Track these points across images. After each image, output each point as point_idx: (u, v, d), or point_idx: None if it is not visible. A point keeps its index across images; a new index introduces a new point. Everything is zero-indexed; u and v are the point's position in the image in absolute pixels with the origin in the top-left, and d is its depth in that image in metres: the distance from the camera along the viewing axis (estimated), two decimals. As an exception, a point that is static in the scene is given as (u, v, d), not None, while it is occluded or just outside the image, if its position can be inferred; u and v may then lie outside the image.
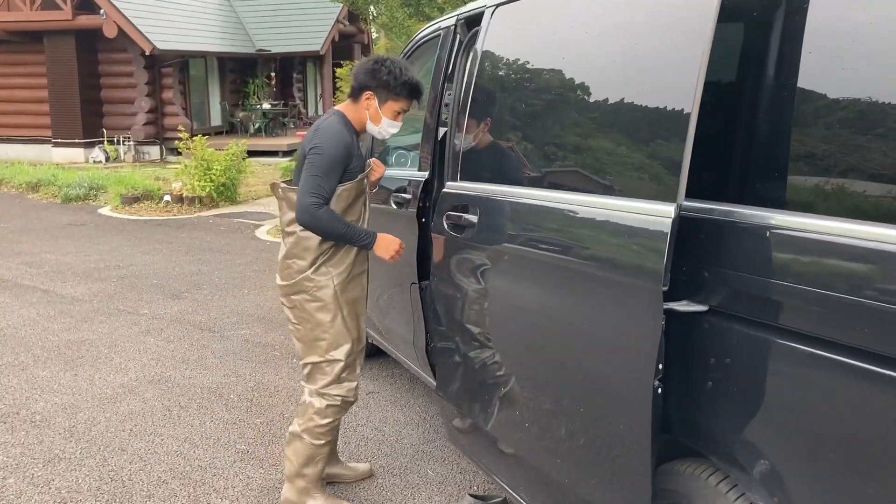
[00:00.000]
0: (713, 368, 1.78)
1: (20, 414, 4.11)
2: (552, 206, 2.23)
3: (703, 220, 1.79)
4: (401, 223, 3.52)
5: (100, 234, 9.36)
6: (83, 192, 11.93)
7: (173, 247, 8.55)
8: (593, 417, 2.08)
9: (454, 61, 3.26)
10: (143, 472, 3.49)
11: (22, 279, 7.06)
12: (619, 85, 2.06)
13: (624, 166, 2.05)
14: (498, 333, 2.59)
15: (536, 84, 2.51)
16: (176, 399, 4.30)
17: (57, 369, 4.75)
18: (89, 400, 4.29)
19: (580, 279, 2.10)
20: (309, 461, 3.00)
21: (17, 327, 5.59)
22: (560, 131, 2.34)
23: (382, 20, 10.84)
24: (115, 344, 5.23)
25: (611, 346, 1.99)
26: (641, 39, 2.02)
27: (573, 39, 2.31)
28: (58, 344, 5.22)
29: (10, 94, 17.67)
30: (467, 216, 2.66)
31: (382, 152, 4.17)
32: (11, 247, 8.55)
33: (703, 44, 1.69)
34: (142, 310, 6.06)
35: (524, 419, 2.43)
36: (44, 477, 3.45)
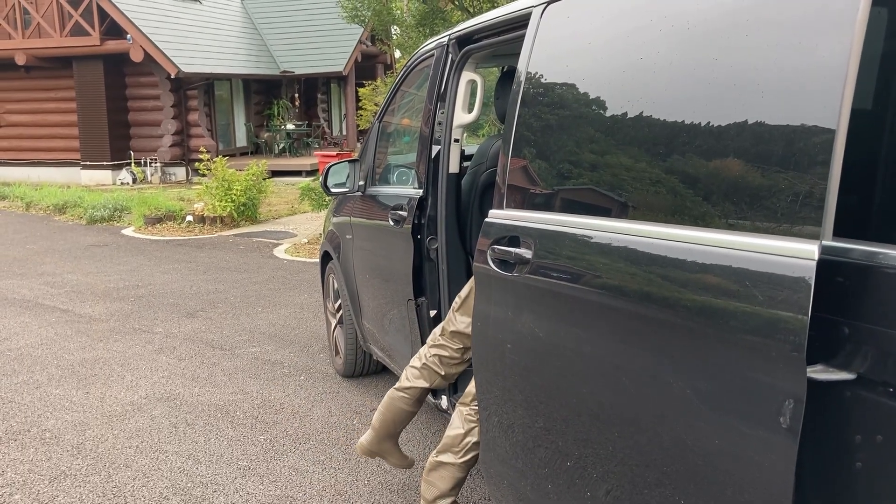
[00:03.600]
0: (860, 448, 1.40)
1: (31, 431, 4.18)
2: (637, 240, 1.82)
3: (840, 263, 1.41)
4: (398, 240, 3.55)
5: (121, 254, 9.51)
6: (108, 214, 12.14)
7: (192, 266, 8.66)
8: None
9: (447, 80, 3.29)
10: (145, 488, 3.53)
11: (42, 299, 7.20)
12: (730, 88, 1.66)
13: (738, 192, 1.61)
14: (564, 397, 2.17)
15: (613, 92, 2.07)
16: (183, 416, 4.35)
17: (70, 387, 4.83)
18: (99, 417, 4.36)
19: (681, 336, 1.69)
20: (458, 484, 3.00)
21: (34, 346, 5.70)
22: (647, 150, 1.90)
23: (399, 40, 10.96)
24: (128, 362, 5.31)
25: (728, 426, 1.57)
26: (759, 34, 1.62)
27: (667, 37, 1.86)
28: (72, 362, 5.32)
29: (42, 119, 18.09)
30: (518, 251, 2.30)
31: (384, 170, 4.21)
32: (35, 267, 8.72)
33: (849, 39, 1.35)
34: (156, 328, 6.15)
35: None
36: (49, 493, 3.50)
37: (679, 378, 1.68)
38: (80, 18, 16.27)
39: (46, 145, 18.11)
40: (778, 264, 1.43)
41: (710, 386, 1.61)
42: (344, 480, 3.59)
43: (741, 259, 1.52)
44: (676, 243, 1.70)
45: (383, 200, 3.92)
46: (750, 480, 1.52)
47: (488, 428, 2.62)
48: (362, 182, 4.26)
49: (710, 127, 1.69)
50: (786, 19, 1.54)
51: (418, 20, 10.19)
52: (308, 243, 9.80)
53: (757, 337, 1.47)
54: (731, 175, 1.63)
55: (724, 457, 1.58)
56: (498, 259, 2.40)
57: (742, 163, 1.60)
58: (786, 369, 1.39)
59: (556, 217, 2.17)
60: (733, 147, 1.62)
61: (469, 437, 2.92)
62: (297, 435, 4.08)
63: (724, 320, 1.55)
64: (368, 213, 4.16)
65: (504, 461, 2.53)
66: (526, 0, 2.60)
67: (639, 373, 1.82)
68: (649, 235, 1.78)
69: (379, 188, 4.11)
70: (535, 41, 2.42)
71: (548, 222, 2.19)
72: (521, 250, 2.27)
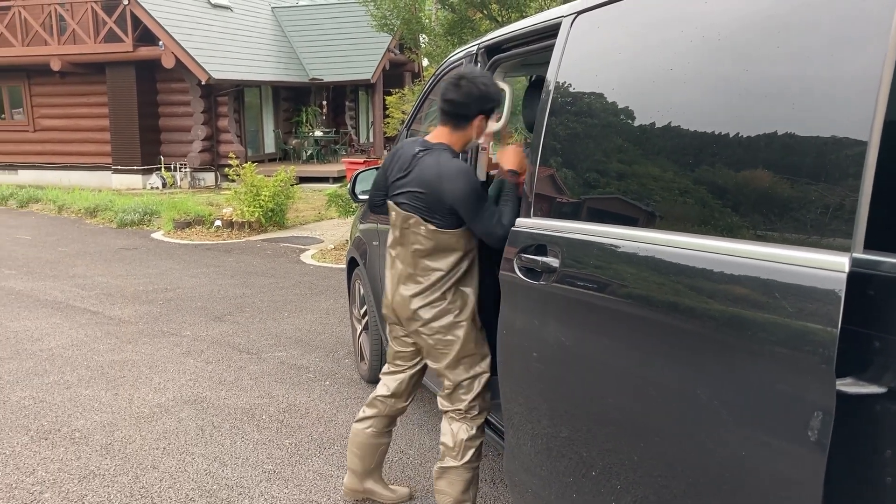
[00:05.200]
0: (890, 463, 1.38)
1: (61, 431, 4.24)
2: (665, 249, 1.81)
3: (871, 276, 1.38)
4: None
5: (151, 257, 9.63)
6: (138, 218, 12.30)
7: (220, 270, 8.75)
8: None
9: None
10: (171, 489, 3.57)
11: (73, 301, 7.31)
12: (760, 99, 1.64)
13: (767, 203, 1.60)
14: (589, 406, 2.17)
15: (643, 102, 2.06)
16: (210, 419, 4.39)
17: (99, 388, 4.90)
18: (127, 418, 4.41)
19: (708, 347, 1.69)
20: (469, 485, 3.02)
21: (65, 347, 5.79)
22: (676, 160, 1.87)
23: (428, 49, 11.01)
24: (156, 364, 5.38)
25: (755, 438, 1.56)
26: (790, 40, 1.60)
27: (697, 47, 1.85)
28: (102, 364, 5.39)
29: (75, 123, 18.37)
30: (545, 259, 2.30)
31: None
32: (67, 270, 8.85)
33: (883, 49, 1.35)
34: (184, 331, 6.22)
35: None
36: (78, 492, 3.55)
37: (706, 389, 1.68)
38: (113, 25, 16.53)
39: (79, 149, 18.40)
40: (808, 276, 1.43)
41: (736, 397, 1.60)
42: (368, 486, 3.60)
43: (770, 270, 1.52)
44: (705, 253, 1.69)
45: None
46: (777, 494, 1.51)
47: (512, 436, 2.63)
48: (390, 189, 4.27)
49: (739, 137, 1.68)
50: (818, 30, 1.54)
51: (446, 29, 10.23)
52: (334, 249, 9.86)
53: (785, 349, 1.46)
54: (761, 186, 1.63)
55: (750, 469, 1.57)
56: (524, 267, 2.41)
57: (772, 174, 1.60)
58: (815, 382, 1.38)
59: (584, 226, 2.17)
60: (763, 158, 1.62)
61: (460, 435, 2.98)
62: (322, 439, 4.10)
63: (752, 331, 1.55)
64: (395, 219, 4.17)
65: (528, 470, 2.53)
66: (556, 10, 2.61)
67: (665, 383, 1.81)
68: (677, 245, 1.78)
69: (406, 195, 4.13)
70: (565, 51, 2.42)
71: (576, 231, 2.19)
72: (549, 259, 2.28)
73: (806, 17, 1.58)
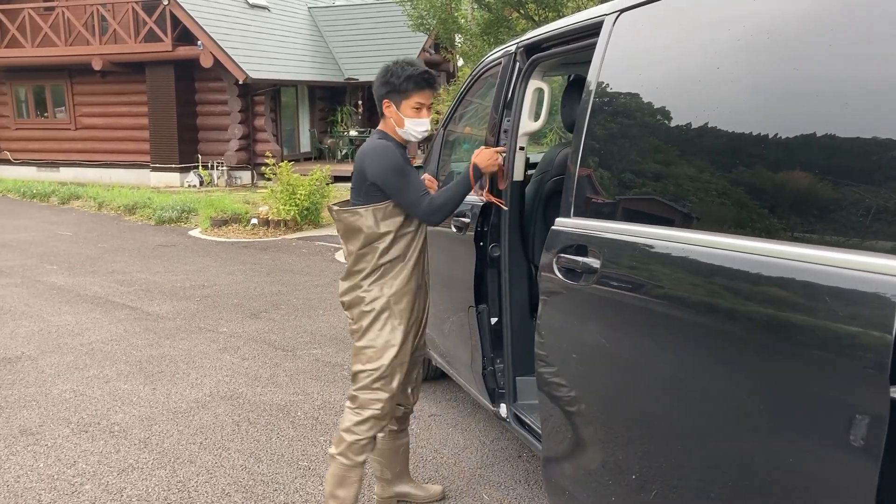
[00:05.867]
0: None
1: (101, 424, 4.31)
2: (707, 251, 1.78)
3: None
4: (460, 247, 3.56)
5: (188, 254, 9.75)
6: (175, 215, 12.46)
7: (256, 268, 8.83)
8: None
9: (513, 88, 3.30)
10: (208, 484, 3.61)
11: (113, 297, 7.43)
12: (811, 99, 1.62)
13: (820, 205, 1.56)
14: (628, 409, 2.14)
15: (687, 102, 2.01)
16: (245, 415, 4.43)
17: (137, 383, 4.97)
18: (165, 413, 4.47)
19: (754, 351, 1.65)
20: (341, 483, 3.02)
21: (104, 342, 5.88)
22: (723, 161, 1.83)
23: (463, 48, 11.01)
24: (193, 360, 5.44)
25: (802, 445, 1.54)
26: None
27: (746, 46, 1.81)
28: (140, 359, 5.47)
29: (115, 122, 18.68)
30: (585, 260, 2.27)
31: (448, 177, 4.23)
32: (106, 266, 9.00)
33: None
34: (221, 328, 6.28)
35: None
36: (117, 485, 3.61)
37: (750, 393, 1.65)
38: (153, 25, 16.77)
39: (118, 147, 18.70)
40: (859, 280, 1.40)
41: (781, 403, 1.57)
42: (402, 484, 3.61)
43: (818, 273, 1.49)
44: (749, 255, 1.67)
45: (446, 207, 3.93)
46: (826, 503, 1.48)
47: (550, 437, 2.61)
48: (426, 188, 4.28)
49: (790, 138, 1.65)
50: (871, 29, 1.51)
51: (483, 28, 10.22)
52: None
53: (834, 354, 1.44)
54: (811, 187, 1.59)
55: (795, 477, 1.54)
56: (564, 268, 2.38)
57: (824, 176, 1.57)
58: (866, 388, 1.36)
59: (627, 227, 2.14)
60: (813, 159, 1.59)
61: (342, 423, 3.02)
62: (356, 437, 4.12)
63: (798, 335, 1.52)
64: (431, 219, 4.18)
65: (565, 471, 2.52)
66: (598, 8, 2.59)
67: (706, 387, 1.79)
68: (721, 247, 1.75)
69: (442, 195, 4.13)
70: (607, 50, 2.40)
71: (618, 232, 2.16)
72: (589, 259, 2.25)
73: (859, 17, 1.56)
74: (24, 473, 3.71)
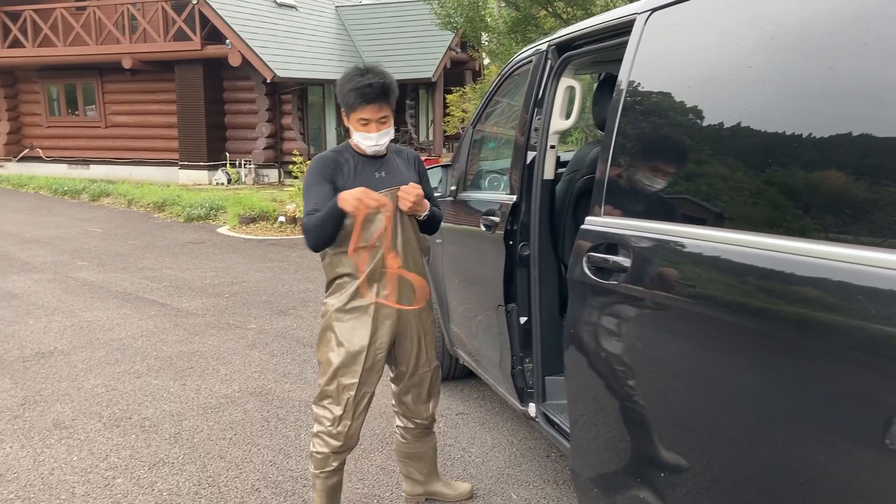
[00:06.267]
0: None
1: (132, 419, 4.37)
2: (739, 250, 1.77)
3: None
4: (490, 245, 3.56)
5: (217, 252, 9.84)
6: (204, 212, 12.58)
7: (284, 265, 8.89)
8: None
9: (544, 86, 3.29)
10: (238, 479, 3.64)
11: (143, 293, 7.51)
12: (846, 98, 1.59)
13: (859, 204, 1.54)
14: (657, 407, 2.14)
15: (719, 101, 1.98)
16: (275, 411, 4.46)
17: (168, 378, 5.03)
18: (195, 408, 4.52)
19: (783, 349, 1.65)
20: (314, 488, 3.08)
21: (135, 338, 5.96)
22: (755, 160, 1.81)
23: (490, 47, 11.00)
24: (223, 356, 5.49)
25: (839, 446, 1.52)
26: None
27: (780, 45, 1.79)
28: (170, 354, 5.53)
29: (144, 120, 18.90)
30: (616, 258, 2.26)
31: (476, 176, 4.23)
32: (136, 262, 9.11)
33: None
34: (250, 324, 6.34)
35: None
36: (148, 479, 3.65)
37: (781, 393, 1.64)
38: (182, 24, 16.94)
39: (148, 145, 18.91)
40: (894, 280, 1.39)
41: (814, 402, 1.56)
42: (430, 482, 3.61)
43: (855, 273, 1.48)
44: (781, 254, 1.65)
45: (475, 206, 3.94)
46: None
47: (578, 435, 2.61)
48: (454, 187, 4.29)
49: (825, 138, 1.63)
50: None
51: (510, 26, 10.20)
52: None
53: (871, 354, 1.43)
54: (848, 187, 1.57)
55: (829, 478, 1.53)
56: (594, 266, 2.38)
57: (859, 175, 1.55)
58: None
59: (657, 225, 2.12)
60: (850, 157, 1.57)
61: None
62: (384, 434, 4.13)
63: (833, 335, 1.51)
64: (459, 217, 4.18)
65: (594, 469, 2.52)
66: (630, 7, 2.57)
67: (737, 386, 1.78)
68: (753, 246, 1.74)
69: (471, 193, 4.13)
70: (639, 48, 2.39)
71: (649, 231, 2.15)
72: (619, 258, 2.24)
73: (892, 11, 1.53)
74: (58, 466, 3.77)
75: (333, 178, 2.82)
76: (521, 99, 3.56)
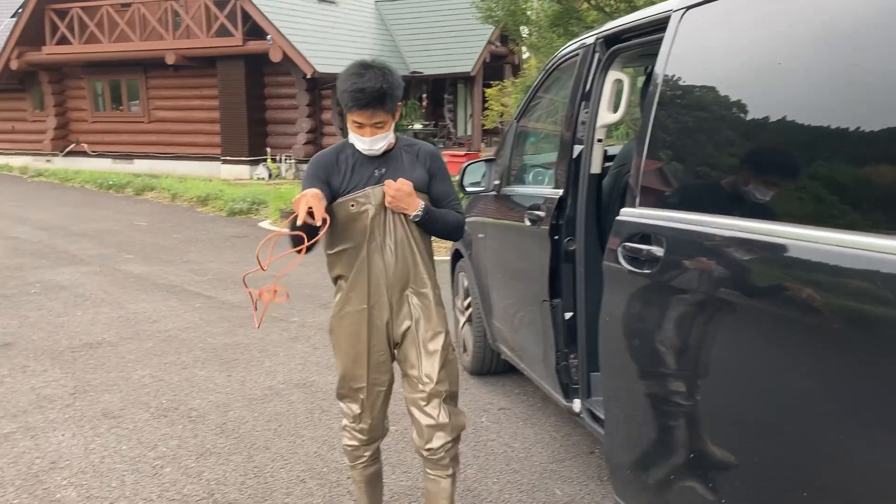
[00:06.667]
0: None
1: (179, 409, 4.44)
2: (770, 241, 1.80)
3: None
4: (534, 240, 3.55)
5: (259, 245, 9.94)
6: (246, 207, 12.72)
7: (325, 259, 8.93)
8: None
9: (592, 79, 3.26)
10: (283, 470, 3.69)
11: (188, 286, 7.63)
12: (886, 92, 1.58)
13: (879, 196, 1.59)
14: (689, 395, 2.17)
15: (752, 95, 2.03)
16: (318, 403, 4.51)
17: (213, 370, 5.10)
18: (240, 399, 4.58)
19: (813, 341, 1.70)
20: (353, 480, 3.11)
21: (181, 329, 6.05)
22: (787, 153, 1.87)
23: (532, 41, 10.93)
24: (266, 349, 5.56)
25: (887, 440, 1.52)
26: None
27: (815, 39, 1.83)
28: (215, 346, 5.61)
29: (187, 115, 19.15)
30: (649, 248, 2.29)
31: (520, 170, 4.22)
32: (181, 256, 9.25)
33: None
34: (292, 317, 6.40)
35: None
36: (196, 469, 3.71)
37: (808, 382, 1.69)
38: (224, 20, 17.12)
39: (190, 140, 19.16)
40: None
41: (848, 392, 1.60)
42: (473, 477, 3.62)
43: (874, 261, 1.52)
44: (815, 245, 1.69)
45: (519, 200, 3.93)
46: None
47: (612, 420, 2.68)
48: (497, 181, 4.28)
49: (851, 131, 1.66)
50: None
51: (552, 20, 10.13)
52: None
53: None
54: (874, 179, 1.62)
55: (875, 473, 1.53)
56: (629, 256, 2.42)
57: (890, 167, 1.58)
58: None
59: (690, 216, 2.16)
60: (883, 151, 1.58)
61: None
62: (427, 428, 4.14)
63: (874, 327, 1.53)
64: (503, 212, 4.18)
65: (627, 452, 2.58)
66: (665, 4, 2.61)
67: (761, 374, 1.84)
68: (782, 236, 1.78)
69: (515, 188, 4.12)
70: (673, 45, 2.42)
71: (681, 221, 2.19)
72: (653, 248, 2.29)
73: None
74: (108, 455, 3.85)
75: (328, 178, 2.74)
76: (566, 93, 3.55)
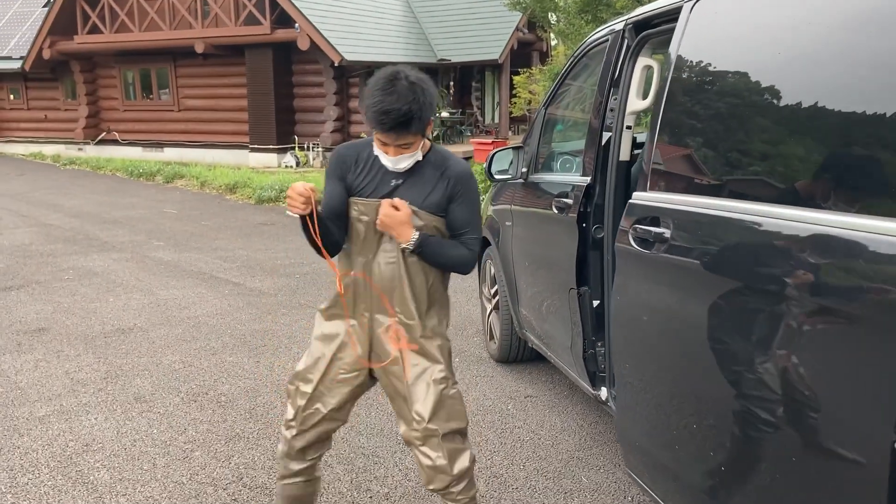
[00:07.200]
0: None
1: (209, 394, 4.49)
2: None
3: None
4: (562, 228, 3.53)
5: (287, 233, 10.01)
6: (274, 195, 12.80)
7: (351, 247, 8.97)
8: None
9: (621, 66, 3.24)
10: (311, 455, 3.71)
11: (217, 272, 7.70)
12: None
13: (871, 177, 1.64)
14: (689, 365, 2.26)
15: (758, 84, 2.11)
16: (345, 390, 4.53)
17: (242, 355, 5.15)
18: (268, 385, 4.62)
19: (810, 320, 1.75)
20: None
21: (210, 315, 6.12)
22: (790, 138, 1.95)
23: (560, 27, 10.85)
24: (294, 335, 5.60)
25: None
26: None
27: (825, 27, 1.88)
28: (244, 333, 5.66)
29: (215, 103, 19.28)
30: (657, 230, 2.36)
31: (548, 157, 4.20)
32: (210, 243, 9.34)
33: None
34: (320, 304, 6.41)
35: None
36: (225, 453, 3.76)
37: (809, 362, 1.75)
38: (253, 9, 17.18)
39: (219, 128, 19.30)
40: None
41: (845, 371, 1.64)
42: (500, 464, 3.63)
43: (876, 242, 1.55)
44: (813, 226, 1.73)
45: (547, 188, 3.92)
46: None
47: (621, 395, 2.75)
48: (525, 169, 4.26)
49: (857, 114, 1.70)
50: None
51: (580, 6, 10.05)
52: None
53: None
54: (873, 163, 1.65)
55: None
56: (639, 238, 2.49)
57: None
58: None
59: (698, 199, 2.23)
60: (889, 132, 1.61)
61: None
62: (453, 415, 4.16)
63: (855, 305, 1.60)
64: (530, 200, 4.17)
65: (636, 424, 2.64)
66: None
67: (745, 351, 1.93)
68: (778, 217, 1.85)
69: (542, 175, 4.11)
70: (684, 34, 2.46)
71: (687, 204, 2.28)
72: (661, 229, 2.36)
73: None
74: (139, 438, 3.91)
75: (345, 174, 2.59)
76: (595, 79, 3.52)
